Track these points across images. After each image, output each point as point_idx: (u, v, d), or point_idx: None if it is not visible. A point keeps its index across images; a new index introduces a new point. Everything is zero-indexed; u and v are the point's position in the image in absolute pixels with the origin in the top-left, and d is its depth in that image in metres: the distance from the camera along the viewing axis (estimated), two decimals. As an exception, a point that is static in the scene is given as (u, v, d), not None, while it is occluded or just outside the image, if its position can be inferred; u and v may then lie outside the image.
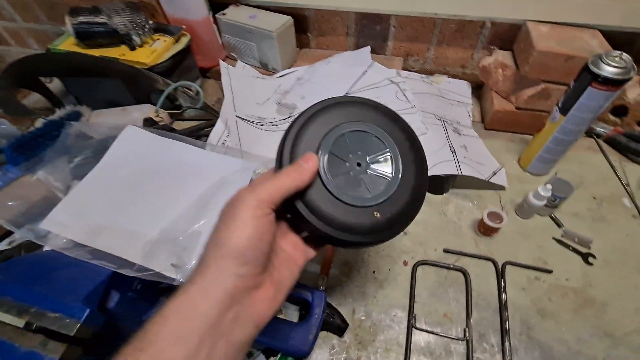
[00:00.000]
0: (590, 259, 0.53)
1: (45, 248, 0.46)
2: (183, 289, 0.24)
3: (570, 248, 0.55)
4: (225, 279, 0.24)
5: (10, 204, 0.50)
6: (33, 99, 0.83)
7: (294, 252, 0.31)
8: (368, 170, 0.31)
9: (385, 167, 0.32)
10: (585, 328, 0.47)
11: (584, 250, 0.55)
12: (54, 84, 0.81)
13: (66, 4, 0.82)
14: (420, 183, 0.32)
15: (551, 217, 0.58)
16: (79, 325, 0.32)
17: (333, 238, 0.29)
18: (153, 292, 0.47)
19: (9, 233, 0.56)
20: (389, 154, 0.32)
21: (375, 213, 0.30)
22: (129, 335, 0.45)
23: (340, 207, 0.30)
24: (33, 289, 0.35)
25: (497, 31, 0.72)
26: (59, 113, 0.68)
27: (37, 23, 1.09)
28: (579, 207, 0.60)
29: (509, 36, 0.71)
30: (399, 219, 0.31)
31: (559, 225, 0.58)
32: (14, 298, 0.34)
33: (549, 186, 0.53)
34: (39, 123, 0.66)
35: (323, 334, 0.48)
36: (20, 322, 0.34)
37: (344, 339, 0.48)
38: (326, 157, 0.30)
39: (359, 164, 0.31)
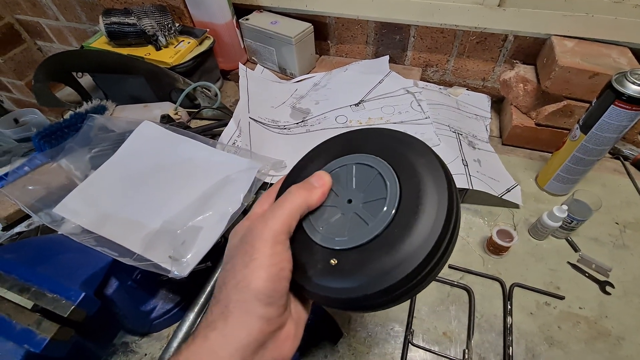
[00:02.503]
0: (608, 288, 0.50)
1: (58, 233, 0.48)
2: (202, 333, 0.22)
3: (587, 275, 0.52)
4: (250, 323, 0.22)
5: (31, 188, 0.53)
6: (65, 92, 0.88)
7: None
8: (355, 211, 0.26)
9: (373, 212, 0.25)
10: (596, 362, 0.44)
11: (601, 278, 0.51)
12: (85, 79, 0.86)
13: (102, 5, 0.87)
14: (416, 250, 0.22)
15: (567, 241, 0.55)
16: (73, 307, 0.33)
17: None
18: (153, 283, 0.49)
19: (27, 216, 0.59)
20: (384, 199, 0.25)
21: (333, 260, 0.24)
22: (124, 322, 0.46)
23: (301, 236, 0.26)
24: (36, 269, 0.37)
25: (520, 45, 0.70)
26: (85, 106, 0.72)
27: (78, 22, 1.17)
28: (599, 231, 0.56)
29: (532, 50, 0.69)
30: (362, 281, 0.23)
31: (575, 249, 0.54)
32: (18, 277, 0.36)
33: (564, 207, 0.51)
34: (67, 115, 0.70)
35: (316, 341, 0.47)
36: (22, 301, 0.35)
37: (337, 349, 0.47)
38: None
39: (349, 201, 0.26)
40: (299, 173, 0.30)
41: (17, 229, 0.58)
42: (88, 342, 0.41)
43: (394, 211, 0.24)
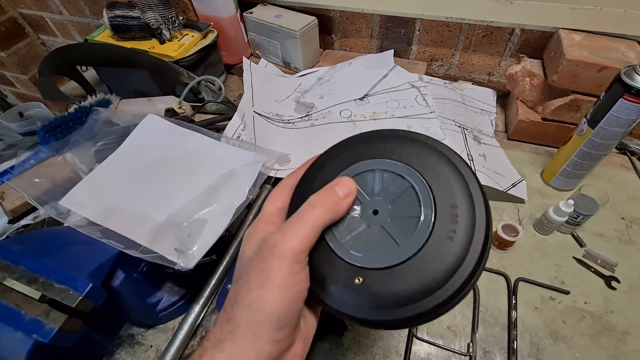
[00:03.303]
0: (614, 283, 0.50)
1: (65, 224, 0.48)
2: (210, 353, 0.21)
3: (592, 270, 0.51)
4: (260, 347, 0.21)
5: (37, 180, 0.53)
6: (70, 86, 0.88)
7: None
8: (382, 225, 0.24)
9: (404, 231, 0.23)
10: (601, 356, 0.44)
11: (607, 273, 0.51)
12: (89, 73, 0.86)
13: (106, -1, 0.87)
14: (448, 277, 0.21)
15: (573, 236, 0.55)
16: (80, 298, 0.33)
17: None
18: (158, 276, 0.49)
19: (33, 209, 0.60)
20: (417, 219, 0.23)
21: (357, 279, 0.23)
22: (130, 313, 0.47)
23: (321, 245, 0.24)
24: (44, 260, 0.37)
25: (527, 39, 0.69)
26: (89, 100, 0.72)
27: (81, 16, 1.16)
28: (605, 227, 0.56)
29: (539, 44, 0.68)
30: (388, 306, 0.22)
31: (581, 244, 0.54)
32: (26, 268, 0.36)
33: (571, 202, 0.50)
34: (72, 109, 0.70)
35: (321, 334, 0.47)
36: (30, 292, 0.36)
37: (342, 342, 0.47)
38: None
39: (375, 212, 0.24)
40: (317, 173, 0.27)
41: (23, 222, 0.59)
42: (95, 334, 0.42)
43: (428, 234, 0.22)
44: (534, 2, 0.63)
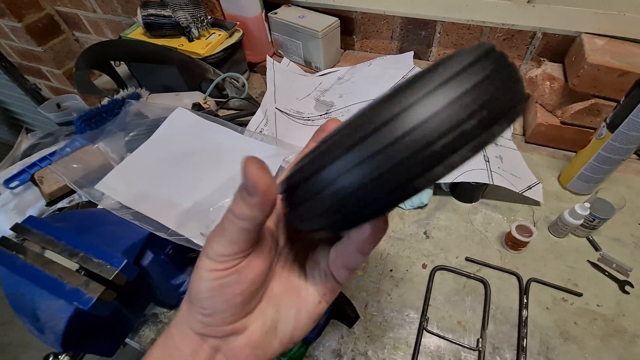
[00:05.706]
0: (627, 288, 0.50)
1: (99, 207, 0.52)
2: (172, 321, 0.23)
3: (606, 273, 0.51)
4: (192, 322, 0.21)
5: (75, 166, 0.57)
6: (103, 80, 0.93)
7: (315, 285, 0.23)
8: None
9: None
10: (610, 358, 0.44)
11: (621, 277, 0.51)
12: (121, 68, 0.90)
13: (139, -2, 0.91)
14: None
15: (588, 239, 0.55)
16: (116, 272, 0.37)
17: None
18: (182, 259, 0.52)
19: (68, 194, 0.64)
20: None
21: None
22: (156, 293, 0.50)
23: None
24: (83, 237, 0.40)
25: (548, 43, 0.69)
26: (122, 93, 0.76)
27: (114, 15, 1.22)
28: (621, 232, 0.56)
29: (560, 48, 0.68)
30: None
31: (596, 248, 0.54)
32: (67, 243, 0.40)
33: (587, 205, 0.51)
34: (105, 101, 0.74)
35: (333, 322, 0.49)
36: (71, 264, 0.39)
37: (353, 331, 0.49)
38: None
39: None
40: None
41: (59, 205, 0.63)
42: (125, 308, 0.45)
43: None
44: (557, 7, 0.63)
